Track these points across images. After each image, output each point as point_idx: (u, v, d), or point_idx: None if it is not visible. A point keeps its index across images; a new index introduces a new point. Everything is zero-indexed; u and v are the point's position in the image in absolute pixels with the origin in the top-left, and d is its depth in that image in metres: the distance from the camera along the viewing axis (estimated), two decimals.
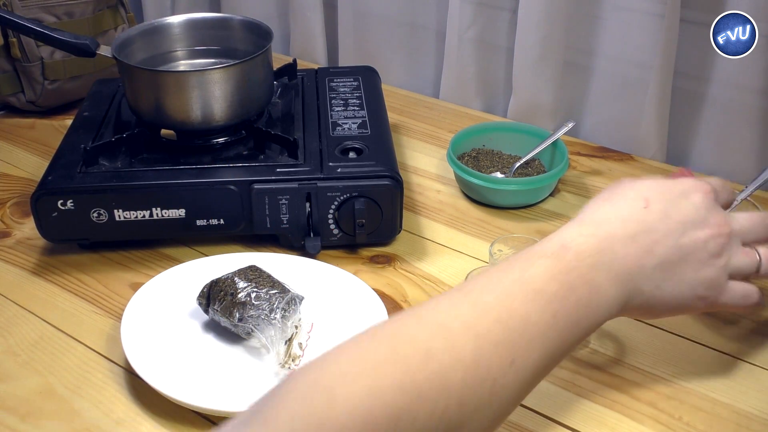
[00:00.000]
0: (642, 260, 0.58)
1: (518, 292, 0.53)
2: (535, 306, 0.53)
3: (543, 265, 0.55)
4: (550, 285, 0.54)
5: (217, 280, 0.77)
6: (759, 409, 0.71)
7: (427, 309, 0.52)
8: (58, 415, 0.70)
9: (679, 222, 0.60)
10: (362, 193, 0.86)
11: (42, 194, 0.85)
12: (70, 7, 1.18)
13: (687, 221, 0.61)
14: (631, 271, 0.58)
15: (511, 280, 0.54)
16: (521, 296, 0.53)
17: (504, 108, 1.25)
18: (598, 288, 0.56)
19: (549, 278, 0.54)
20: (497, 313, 0.51)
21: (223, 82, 0.89)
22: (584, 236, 0.57)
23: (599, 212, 0.61)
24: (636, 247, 0.58)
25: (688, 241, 0.60)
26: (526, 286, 0.54)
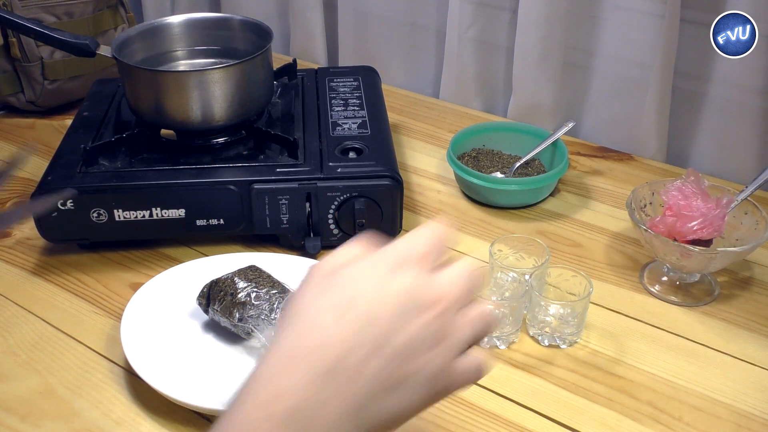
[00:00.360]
0: (352, 387, 0.45)
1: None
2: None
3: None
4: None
5: (217, 280, 0.77)
6: (759, 409, 0.71)
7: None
8: (58, 415, 0.70)
9: (384, 320, 0.46)
10: (362, 193, 0.86)
11: (42, 194, 0.85)
12: (70, 7, 1.18)
13: (394, 315, 0.47)
14: (345, 410, 0.45)
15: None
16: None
17: (504, 108, 1.25)
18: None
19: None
20: None
21: (223, 82, 0.89)
22: (263, 404, 0.45)
23: (282, 350, 0.47)
24: (341, 379, 0.45)
25: (403, 339, 0.46)
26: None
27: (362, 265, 0.50)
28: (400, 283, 0.48)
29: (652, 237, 0.81)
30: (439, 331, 0.48)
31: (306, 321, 0.48)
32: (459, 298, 0.50)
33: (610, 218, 0.97)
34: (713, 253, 0.79)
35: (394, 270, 0.49)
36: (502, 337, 0.77)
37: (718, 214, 0.80)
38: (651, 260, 0.89)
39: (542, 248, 0.83)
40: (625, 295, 0.85)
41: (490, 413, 0.70)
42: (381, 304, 0.47)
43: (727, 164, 1.07)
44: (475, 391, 0.72)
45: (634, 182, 0.99)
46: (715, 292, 0.85)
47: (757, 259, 0.89)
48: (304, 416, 0.44)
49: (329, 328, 0.46)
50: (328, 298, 0.48)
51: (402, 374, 0.47)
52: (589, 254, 0.91)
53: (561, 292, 0.81)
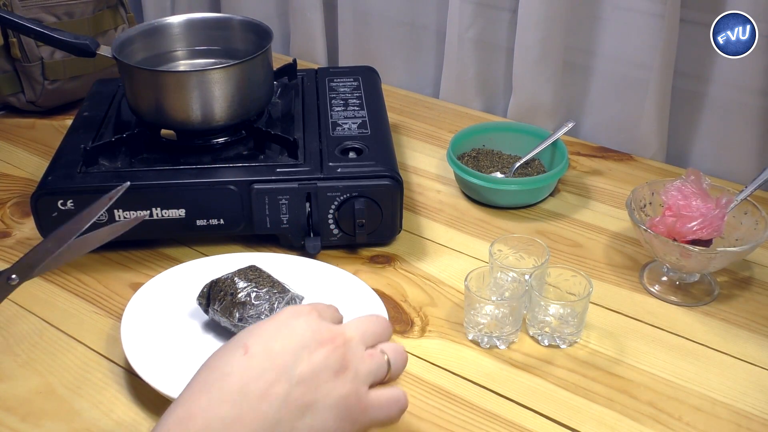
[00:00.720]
0: (260, 407, 0.51)
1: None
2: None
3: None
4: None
5: (216, 280, 0.77)
6: (759, 409, 0.71)
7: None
8: (58, 415, 0.70)
9: (288, 352, 0.53)
10: (362, 193, 0.86)
11: (42, 194, 0.85)
12: (70, 7, 1.18)
13: (296, 348, 0.53)
14: (251, 429, 0.50)
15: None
16: None
17: (504, 108, 1.25)
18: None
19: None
20: None
21: (223, 82, 0.89)
22: (178, 424, 0.50)
23: (196, 381, 0.53)
24: (246, 400, 0.51)
25: (306, 368, 0.53)
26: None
27: (266, 320, 0.57)
28: (300, 324, 0.55)
29: (651, 237, 0.81)
30: (340, 361, 0.54)
31: (217, 357, 0.55)
32: (358, 336, 0.57)
33: (610, 218, 0.97)
34: (713, 253, 0.79)
35: (294, 316, 0.56)
36: (502, 337, 0.77)
37: (717, 214, 0.80)
38: (651, 260, 0.89)
39: (542, 248, 0.83)
40: (624, 295, 0.85)
41: (490, 413, 0.70)
42: (283, 340, 0.54)
43: (727, 164, 1.07)
44: (475, 391, 0.73)
45: (633, 182, 0.99)
46: (715, 292, 0.85)
47: (756, 259, 0.89)
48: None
49: (237, 359, 0.53)
50: (237, 340, 0.55)
51: (309, 399, 0.52)
52: (588, 254, 0.91)
53: (561, 292, 0.81)
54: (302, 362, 0.53)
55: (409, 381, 0.74)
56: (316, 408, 0.53)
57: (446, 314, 0.82)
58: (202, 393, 0.52)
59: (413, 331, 0.80)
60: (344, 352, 0.55)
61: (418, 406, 0.71)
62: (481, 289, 0.80)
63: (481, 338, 0.78)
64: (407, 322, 0.81)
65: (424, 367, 0.75)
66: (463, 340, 0.79)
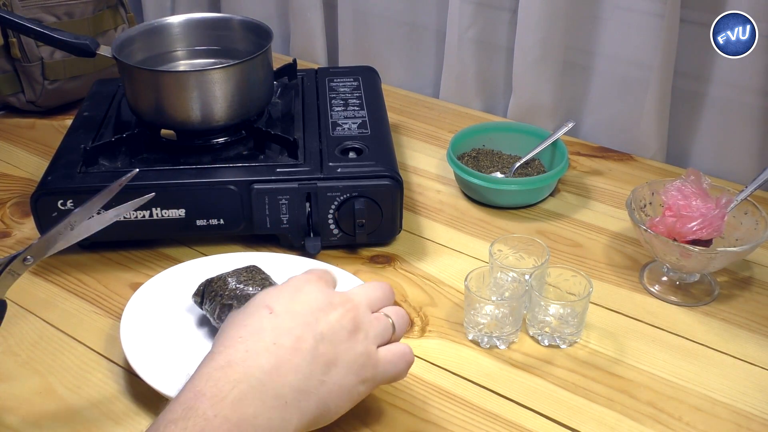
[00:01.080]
0: (293, 360, 0.55)
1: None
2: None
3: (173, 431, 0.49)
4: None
5: (210, 280, 0.77)
6: (759, 409, 0.71)
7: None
8: (58, 415, 0.70)
9: (308, 313, 0.59)
10: (362, 193, 0.86)
11: (42, 194, 0.85)
12: (70, 7, 1.18)
13: (314, 309, 0.59)
14: (287, 380, 0.54)
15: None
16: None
17: (504, 108, 1.25)
18: (254, 422, 0.51)
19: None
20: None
21: (223, 82, 0.89)
22: (219, 370, 0.53)
23: (227, 337, 0.57)
24: (281, 351, 0.55)
25: (326, 327, 0.58)
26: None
27: (279, 286, 0.63)
28: (312, 289, 0.61)
29: (651, 237, 0.81)
30: (353, 323, 0.60)
31: (243, 317, 0.59)
32: (365, 301, 0.62)
33: (610, 218, 0.97)
34: (713, 253, 0.79)
35: (305, 282, 0.62)
36: (502, 337, 0.77)
37: (717, 214, 0.80)
38: (651, 260, 0.89)
39: (542, 248, 0.83)
40: (624, 295, 0.85)
41: (490, 413, 0.70)
42: (302, 303, 0.59)
43: (727, 164, 1.07)
44: (475, 391, 0.73)
45: (633, 182, 0.99)
46: (715, 292, 0.85)
47: (757, 259, 0.89)
48: (256, 378, 0.53)
49: (265, 318, 0.58)
50: (258, 303, 0.60)
51: (332, 356, 0.57)
52: (589, 254, 0.91)
53: (561, 292, 0.81)
54: (322, 322, 0.58)
55: (409, 381, 0.74)
56: (338, 364, 0.58)
57: (446, 314, 0.82)
58: (239, 344, 0.55)
59: (413, 331, 0.80)
60: (354, 315, 0.60)
61: (418, 406, 0.71)
62: (481, 289, 0.80)
63: (481, 338, 0.78)
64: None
65: (424, 367, 0.75)
66: (463, 340, 0.79)
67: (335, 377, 0.57)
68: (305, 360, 0.56)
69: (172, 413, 0.50)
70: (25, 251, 0.64)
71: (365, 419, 0.69)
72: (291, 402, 0.54)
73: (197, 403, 0.50)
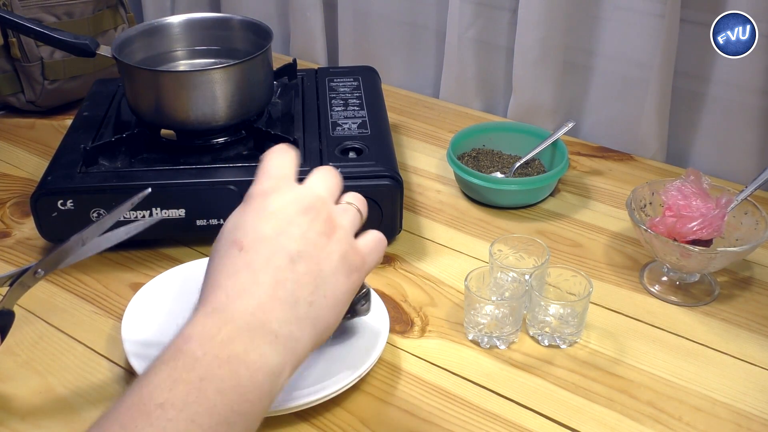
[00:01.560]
0: (276, 294, 0.53)
1: (138, 415, 0.45)
2: (163, 423, 0.45)
3: (163, 371, 0.48)
4: (176, 391, 0.47)
5: None
6: (759, 409, 0.71)
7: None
8: (58, 415, 0.70)
9: (279, 233, 0.55)
10: (362, 193, 0.85)
11: (42, 194, 0.85)
12: (70, 7, 1.18)
13: (285, 225, 0.56)
14: (274, 315, 0.52)
15: (130, 404, 0.46)
16: (143, 419, 0.45)
17: (504, 108, 1.25)
18: (245, 359, 0.49)
19: (171, 383, 0.47)
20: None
21: (223, 82, 0.89)
22: (204, 317, 0.52)
23: (208, 284, 0.55)
24: (262, 290, 0.53)
25: (302, 242, 0.55)
26: (148, 403, 0.46)
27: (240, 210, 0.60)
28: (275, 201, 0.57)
29: (651, 237, 0.81)
30: (327, 223, 0.57)
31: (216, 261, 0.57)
32: (328, 193, 0.59)
33: (610, 218, 0.97)
34: (713, 253, 0.79)
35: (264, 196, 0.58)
36: (502, 337, 0.77)
37: (717, 214, 0.80)
38: (651, 260, 0.89)
39: (542, 248, 0.83)
40: (625, 295, 0.85)
41: (490, 413, 0.70)
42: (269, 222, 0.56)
43: (727, 164, 1.07)
44: (475, 391, 0.73)
45: (634, 182, 0.99)
46: (715, 292, 0.85)
47: (757, 259, 0.89)
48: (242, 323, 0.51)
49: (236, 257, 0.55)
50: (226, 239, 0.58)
51: (315, 270, 0.55)
52: (589, 254, 0.91)
53: (561, 292, 0.81)
54: (296, 237, 0.55)
55: (409, 381, 0.74)
56: (324, 276, 0.55)
57: (446, 314, 0.82)
58: (219, 291, 0.53)
59: (413, 331, 0.80)
60: (327, 214, 0.57)
61: (418, 406, 0.71)
62: (481, 289, 0.80)
63: (481, 338, 0.78)
64: (407, 322, 0.81)
65: (424, 367, 0.75)
66: (463, 340, 0.79)
67: (324, 290, 0.55)
68: (288, 290, 0.53)
69: (162, 356, 0.50)
70: (37, 265, 0.65)
71: (365, 419, 0.69)
72: (283, 334, 0.52)
73: (186, 345, 0.49)
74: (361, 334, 0.75)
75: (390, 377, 0.74)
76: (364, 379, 0.72)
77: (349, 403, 0.71)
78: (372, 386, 0.73)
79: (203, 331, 0.50)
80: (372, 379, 0.74)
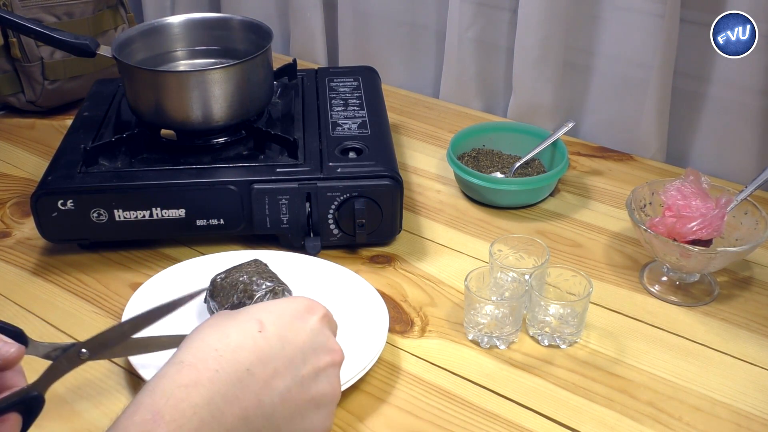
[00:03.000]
0: (261, 395, 0.51)
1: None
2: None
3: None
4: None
5: (214, 280, 0.77)
6: (759, 409, 0.71)
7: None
8: (58, 415, 0.70)
9: (298, 348, 0.54)
10: (362, 193, 0.86)
11: (42, 194, 0.85)
12: (70, 7, 1.18)
13: (306, 348, 0.55)
14: (247, 413, 0.50)
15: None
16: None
17: (504, 108, 1.25)
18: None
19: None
20: None
21: (223, 82, 0.89)
22: (183, 387, 0.48)
23: (203, 344, 0.51)
24: (252, 381, 0.50)
25: (309, 371, 0.54)
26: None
27: (282, 302, 0.58)
28: (314, 322, 0.56)
29: (651, 237, 0.81)
30: (334, 376, 0.57)
31: (229, 323, 0.54)
32: (342, 359, 0.59)
33: (610, 218, 0.97)
34: (713, 253, 0.79)
35: (310, 312, 0.57)
36: (502, 337, 0.77)
37: (717, 214, 0.80)
38: (651, 260, 0.89)
39: (542, 248, 0.83)
40: (624, 295, 0.85)
41: (490, 413, 0.70)
42: (297, 332, 0.55)
43: (727, 164, 1.07)
44: (475, 391, 0.73)
45: (633, 182, 0.99)
46: (715, 292, 0.85)
47: (757, 259, 0.89)
48: (217, 407, 0.48)
49: (251, 334, 0.53)
50: (252, 313, 0.55)
51: (303, 402, 0.54)
52: (589, 254, 0.91)
53: (561, 292, 0.81)
54: (308, 363, 0.55)
55: (409, 381, 0.74)
56: (306, 412, 0.54)
57: (446, 314, 0.82)
58: (212, 361, 0.50)
59: (413, 331, 0.80)
60: (337, 369, 0.58)
61: (418, 406, 0.71)
62: (481, 289, 0.80)
63: (481, 338, 0.78)
64: (407, 322, 0.81)
65: (424, 367, 0.75)
66: (463, 340, 0.79)
67: (298, 425, 0.53)
68: (272, 399, 0.51)
69: (128, 428, 0.47)
70: (80, 344, 0.59)
71: (365, 419, 0.69)
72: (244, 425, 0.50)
73: (155, 427, 0.46)
74: (361, 334, 0.75)
75: (390, 377, 0.74)
76: (364, 379, 0.72)
77: (349, 403, 0.71)
78: (372, 386, 0.73)
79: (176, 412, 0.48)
80: (372, 379, 0.74)
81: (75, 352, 0.58)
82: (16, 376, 0.55)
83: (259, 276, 0.76)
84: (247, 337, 0.52)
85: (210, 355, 0.51)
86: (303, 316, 0.56)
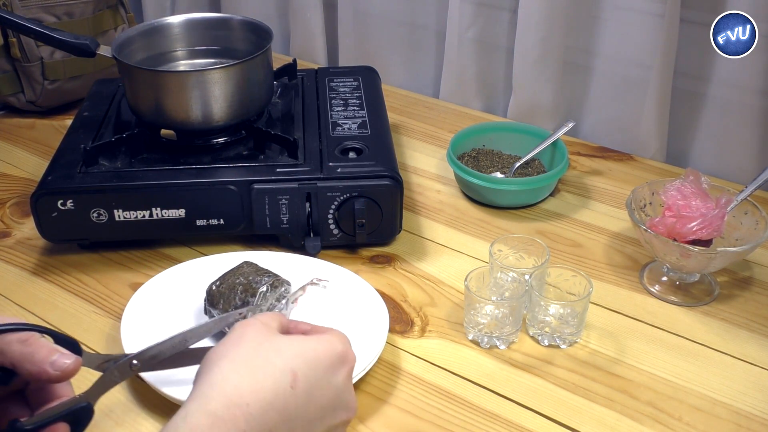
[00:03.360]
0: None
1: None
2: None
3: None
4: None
5: (210, 288, 0.77)
6: (759, 409, 0.71)
7: None
8: None
9: (321, 407, 0.54)
10: (362, 193, 0.86)
11: (42, 194, 0.85)
12: (70, 7, 1.18)
13: (327, 406, 0.55)
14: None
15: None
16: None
17: (504, 108, 1.25)
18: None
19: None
20: None
21: (223, 82, 0.89)
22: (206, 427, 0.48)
23: (235, 392, 0.51)
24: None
25: (323, 429, 0.55)
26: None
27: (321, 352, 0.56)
28: (340, 378, 0.56)
29: (651, 237, 0.81)
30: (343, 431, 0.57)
31: (263, 369, 0.52)
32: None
33: (610, 218, 0.97)
34: (713, 253, 0.79)
35: (342, 364, 0.56)
36: (502, 337, 0.77)
37: (717, 214, 0.80)
38: (651, 260, 0.89)
39: (542, 248, 0.83)
40: (624, 295, 0.85)
41: (490, 413, 0.70)
42: (323, 390, 0.54)
43: (727, 164, 1.07)
44: (475, 391, 0.73)
45: (633, 182, 0.99)
46: (715, 292, 0.85)
47: (757, 259, 0.90)
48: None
49: (283, 389, 0.52)
50: (287, 363, 0.53)
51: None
52: (589, 254, 0.91)
53: (561, 292, 0.81)
54: (325, 422, 0.55)
55: (409, 381, 0.74)
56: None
57: (446, 314, 0.82)
58: (242, 418, 0.50)
59: (413, 331, 0.80)
60: (347, 424, 0.58)
61: (418, 406, 0.71)
62: (481, 289, 0.80)
63: (481, 338, 0.78)
64: (407, 322, 0.81)
65: (424, 367, 0.75)
66: (463, 340, 0.79)
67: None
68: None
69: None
70: (133, 355, 0.59)
71: (365, 419, 0.69)
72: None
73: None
74: (361, 334, 0.75)
75: (390, 377, 0.74)
76: (364, 379, 0.73)
77: None
78: (372, 386, 0.73)
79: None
80: (372, 379, 0.74)
81: (127, 363, 0.59)
82: (64, 386, 0.56)
83: (256, 274, 0.76)
84: (278, 395, 0.51)
85: (240, 411, 0.50)
86: (335, 368, 0.56)
